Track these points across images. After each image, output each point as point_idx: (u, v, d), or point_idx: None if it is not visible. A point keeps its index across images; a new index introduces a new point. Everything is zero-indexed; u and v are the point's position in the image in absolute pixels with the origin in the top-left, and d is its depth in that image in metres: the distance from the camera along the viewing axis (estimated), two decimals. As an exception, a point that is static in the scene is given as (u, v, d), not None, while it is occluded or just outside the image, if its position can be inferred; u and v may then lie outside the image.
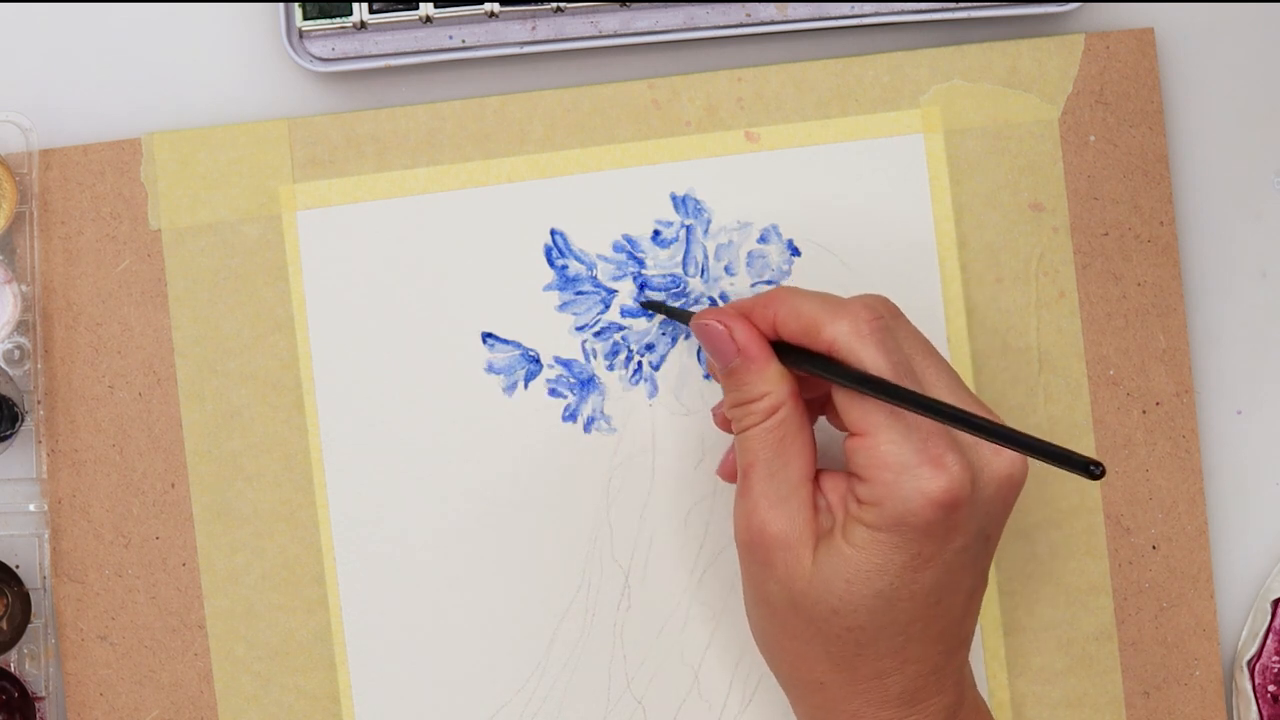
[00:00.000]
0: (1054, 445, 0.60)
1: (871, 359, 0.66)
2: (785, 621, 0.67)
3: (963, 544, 0.66)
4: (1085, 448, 0.77)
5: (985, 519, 0.66)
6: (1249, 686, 0.77)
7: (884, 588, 0.65)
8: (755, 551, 0.67)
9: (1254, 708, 0.77)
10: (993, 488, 0.66)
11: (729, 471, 0.74)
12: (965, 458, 0.65)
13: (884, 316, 0.67)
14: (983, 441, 0.66)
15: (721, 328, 0.69)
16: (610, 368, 0.76)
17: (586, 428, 0.76)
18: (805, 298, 0.68)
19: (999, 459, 0.66)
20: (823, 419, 0.72)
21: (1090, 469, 0.58)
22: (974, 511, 0.66)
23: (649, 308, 0.76)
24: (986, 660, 0.77)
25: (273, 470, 0.75)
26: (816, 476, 0.68)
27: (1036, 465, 0.74)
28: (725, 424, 0.72)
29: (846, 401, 0.66)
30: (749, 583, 0.69)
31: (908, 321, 0.69)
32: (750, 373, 0.68)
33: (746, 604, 0.70)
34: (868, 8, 0.76)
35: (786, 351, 0.68)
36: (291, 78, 0.77)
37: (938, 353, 0.68)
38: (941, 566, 0.66)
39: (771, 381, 0.68)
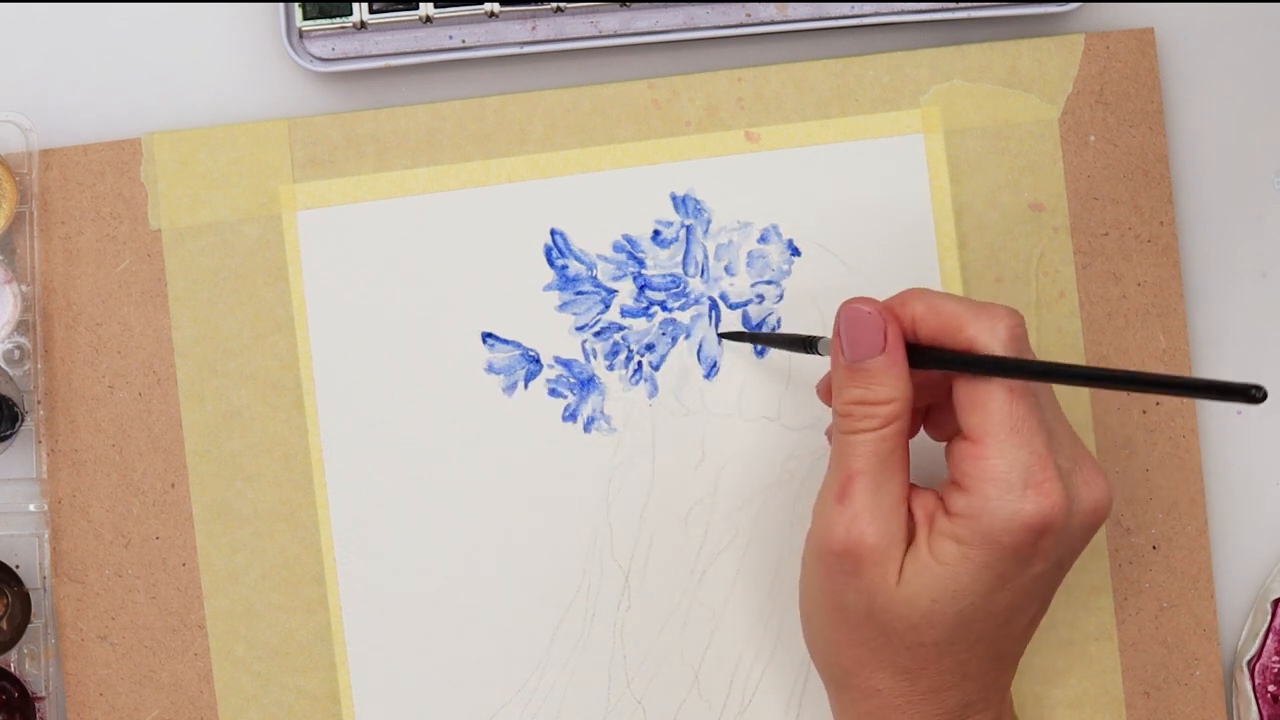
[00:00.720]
0: (1207, 380, 0.59)
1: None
2: (856, 630, 0.67)
3: (1041, 570, 0.66)
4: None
5: (1066, 549, 0.66)
6: (1249, 686, 0.77)
7: (965, 607, 0.65)
8: (845, 561, 0.66)
9: (1254, 708, 0.77)
10: (1079, 519, 0.66)
11: (826, 393, 0.71)
12: (1064, 487, 0.65)
13: (1021, 326, 0.66)
14: (1077, 472, 0.66)
15: (877, 314, 0.67)
16: (610, 368, 0.76)
17: (586, 428, 0.76)
18: (945, 297, 0.67)
19: (1089, 491, 0.66)
20: None
21: (1251, 393, 0.58)
22: (1060, 540, 0.65)
23: (729, 338, 0.76)
24: (986, 660, 0.77)
25: (273, 470, 0.75)
26: None
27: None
28: (826, 394, 0.71)
29: (969, 403, 0.65)
30: (822, 588, 0.67)
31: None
32: (885, 373, 0.66)
33: (809, 606, 0.69)
34: (868, 8, 0.76)
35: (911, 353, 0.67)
36: (291, 78, 0.77)
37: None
38: (1016, 589, 0.65)
39: (901, 388, 0.66)
